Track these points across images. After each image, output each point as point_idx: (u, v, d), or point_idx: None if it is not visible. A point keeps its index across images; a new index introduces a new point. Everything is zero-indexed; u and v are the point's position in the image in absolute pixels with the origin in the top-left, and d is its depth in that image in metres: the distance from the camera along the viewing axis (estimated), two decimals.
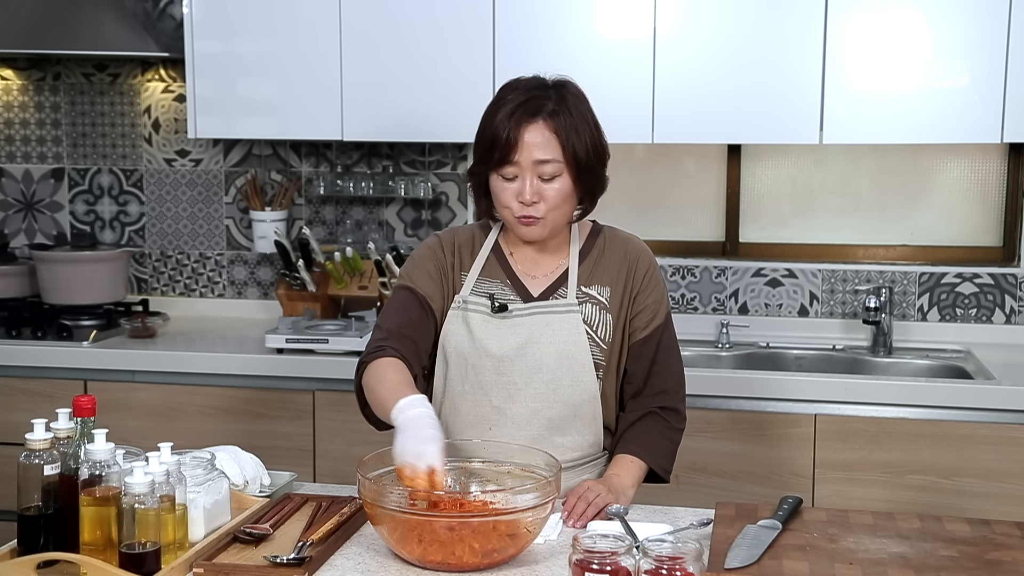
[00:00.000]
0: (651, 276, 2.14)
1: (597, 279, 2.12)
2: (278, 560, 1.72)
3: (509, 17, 3.23)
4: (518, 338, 2.07)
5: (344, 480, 2.35)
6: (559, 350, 2.07)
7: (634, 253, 2.15)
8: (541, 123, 1.99)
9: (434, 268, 2.12)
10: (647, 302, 2.13)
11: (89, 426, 1.75)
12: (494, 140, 2.00)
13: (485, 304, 2.09)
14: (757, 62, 3.14)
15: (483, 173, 2.05)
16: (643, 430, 2.13)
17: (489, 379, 2.08)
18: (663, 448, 2.13)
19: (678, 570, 1.56)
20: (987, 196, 3.53)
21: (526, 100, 2.01)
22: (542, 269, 2.14)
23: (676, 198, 3.71)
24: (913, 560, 1.72)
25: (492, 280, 2.13)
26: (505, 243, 2.16)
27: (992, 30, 3.03)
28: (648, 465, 2.11)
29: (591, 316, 2.09)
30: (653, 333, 2.13)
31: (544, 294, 2.11)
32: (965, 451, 2.87)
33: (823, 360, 3.42)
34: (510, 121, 1.99)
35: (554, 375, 2.07)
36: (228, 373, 3.23)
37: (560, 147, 2.00)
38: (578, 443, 2.11)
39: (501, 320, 2.08)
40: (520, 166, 2.00)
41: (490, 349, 2.07)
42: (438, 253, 2.14)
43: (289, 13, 3.35)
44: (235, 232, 3.86)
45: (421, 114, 3.30)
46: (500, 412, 2.08)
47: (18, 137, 3.94)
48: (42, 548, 1.75)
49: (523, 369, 2.07)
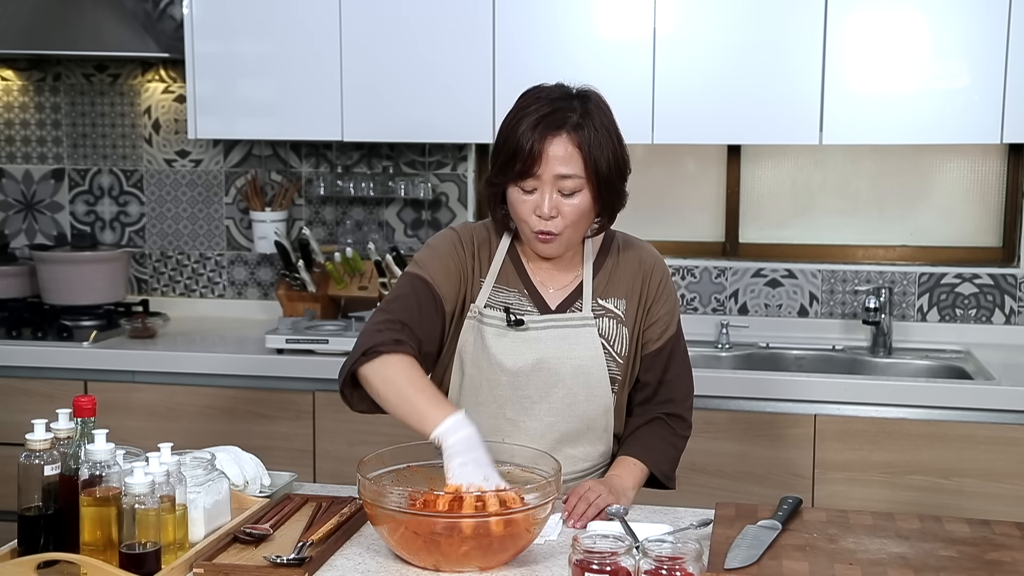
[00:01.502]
0: (664, 286, 2.13)
1: (613, 291, 2.10)
2: (278, 560, 1.72)
3: (509, 18, 3.23)
4: (534, 353, 2.05)
5: (344, 480, 2.35)
6: (576, 365, 2.05)
7: (648, 263, 2.13)
8: (565, 136, 1.94)
9: (453, 267, 2.06)
10: (660, 313, 2.11)
11: (89, 426, 1.75)
12: (516, 151, 1.94)
13: (500, 317, 2.06)
14: (757, 63, 3.14)
15: (502, 184, 2.00)
16: (647, 435, 2.13)
17: (504, 393, 2.06)
18: (666, 453, 2.13)
19: (678, 570, 1.56)
20: (987, 196, 3.53)
21: (550, 112, 1.94)
22: (557, 281, 2.11)
23: (676, 198, 3.71)
24: (913, 560, 1.72)
25: (509, 289, 2.09)
26: (521, 250, 2.12)
27: (992, 30, 3.03)
28: (650, 469, 2.10)
29: (607, 330, 2.08)
30: (665, 345, 2.12)
31: (561, 307, 2.08)
32: (965, 451, 2.87)
33: (823, 360, 3.42)
34: (533, 133, 1.93)
35: (570, 390, 2.05)
36: (228, 373, 3.23)
37: (583, 162, 1.94)
38: (589, 453, 2.12)
39: (516, 334, 2.05)
40: (541, 179, 1.95)
41: (505, 364, 2.05)
42: (459, 250, 2.08)
43: (289, 14, 3.35)
44: (235, 232, 3.86)
45: (421, 115, 3.30)
46: (514, 424, 2.07)
47: (18, 138, 3.94)
48: (42, 548, 1.75)
49: (539, 384, 2.05)
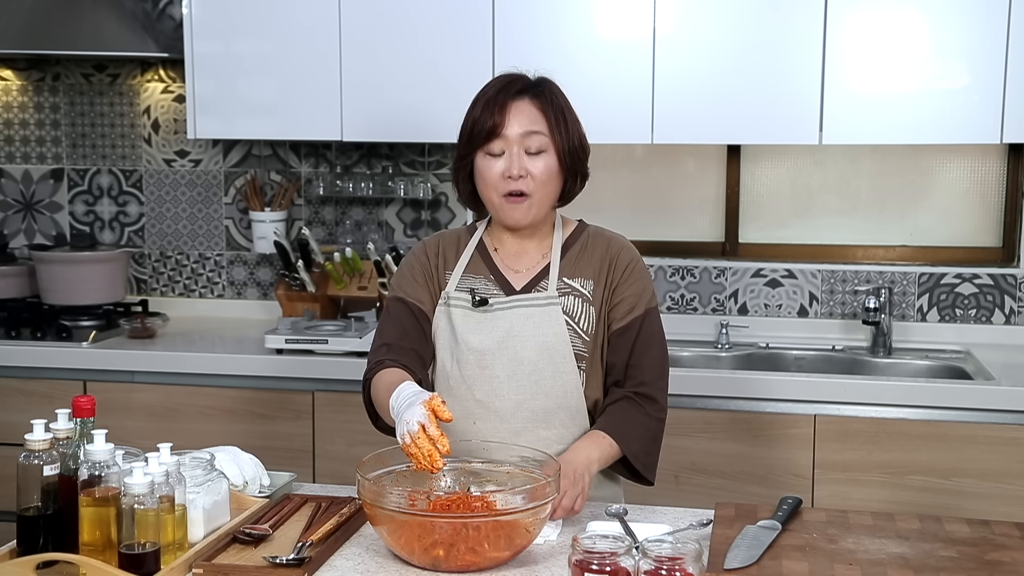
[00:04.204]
0: (631, 270, 2.13)
1: (580, 272, 2.13)
2: (277, 561, 1.72)
3: (509, 17, 3.23)
4: (499, 331, 2.08)
5: (344, 481, 2.35)
6: (540, 343, 2.08)
7: (615, 248, 2.16)
8: (527, 100, 2.06)
9: (420, 273, 2.16)
10: (625, 294, 2.12)
11: (88, 427, 1.75)
12: (479, 119, 2.05)
13: (466, 299, 2.11)
14: (757, 62, 3.14)
15: (469, 155, 2.09)
16: (616, 410, 2.09)
17: (472, 373, 2.09)
18: (635, 432, 2.07)
19: (677, 570, 1.56)
20: (986, 196, 3.53)
21: (508, 83, 2.07)
22: (525, 263, 2.15)
23: (676, 199, 3.71)
24: (912, 561, 1.72)
25: (476, 276, 2.15)
26: (490, 239, 2.19)
27: (992, 30, 3.03)
28: (617, 443, 2.04)
29: (573, 308, 2.10)
30: (631, 324, 2.11)
31: (526, 287, 2.13)
32: (964, 451, 2.87)
33: (822, 361, 3.42)
34: (495, 100, 2.05)
35: (535, 367, 2.07)
36: (227, 374, 3.23)
37: (545, 121, 2.06)
38: (563, 436, 2.11)
39: (482, 314, 2.10)
40: (507, 139, 2.04)
41: (471, 343, 2.09)
42: (421, 258, 2.18)
43: (289, 13, 3.35)
44: (234, 233, 3.86)
45: (421, 114, 3.30)
46: (483, 406, 2.09)
47: (18, 138, 3.94)
48: (41, 548, 1.75)
49: (505, 362, 2.08)
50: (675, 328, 3.40)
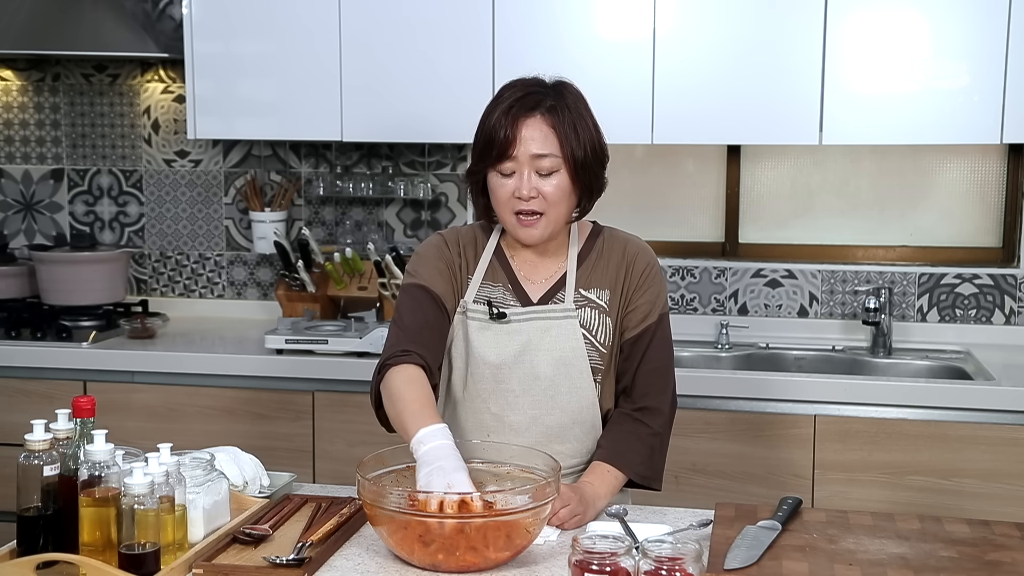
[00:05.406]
0: (648, 275, 2.12)
1: (596, 282, 2.11)
2: (277, 561, 1.72)
3: (509, 17, 3.23)
4: (515, 345, 2.06)
5: (344, 481, 2.35)
6: (556, 357, 2.05)
7: (632, 252, 2.13)
8: (539, 117, 1.99)
9: (444, 266, 2.10)
10: (640, 301, 2.10)
11: (88, 427, 1.75)
12: (492, 136, 1.99)
13: (483, 311, 2.08)
14: (757, 63, 3.14)
15: (481, 171, 2.04)
16: (619, 436, 2.08)
17: (487, 387, 2.07)
18: (640, 455, 2.08)
19: (677, 571, 1.56)
20: (986, 197, 3.53)
21: (523, 96, 2.00)
22: (541, 273, 2.12)
23: (676, 199, 3.70)
24: (913, 561, 1.72)
25: (495, 284, 2.11)
26: (506, 246, 2.15)
27: (992, 30, 3.03)
28: (625, 474, 2.06)
29: (590, 320, 2.08)
30: (644, 332, 2.10)
31: (543, 299, 2.10)
32: (965, 452, 2.87)
33: (823, 361, 3.42)
34: (507, 117, 1.98)
35: (552, 382, 2.06)
36: (228, 374, 3.23)
37: (558, 142, 1.99)
38: (577, 450, 2.10)
39: (499, 327, 2.07)
40: (518, 161, 1.99)
41: (487, 357, 2.06)
42: (444, 251, 2.12)
43: (289, 14, 3.35)
44: (234, 233, 3.86)
45: (421, 115, 3.30)
46: (498, 419, 2.07)
47: (18, 138, 3.94)
48: (41, 549, 1.75)
49: (520, 376, 2.06)
50: (675, 328, 3.32)
